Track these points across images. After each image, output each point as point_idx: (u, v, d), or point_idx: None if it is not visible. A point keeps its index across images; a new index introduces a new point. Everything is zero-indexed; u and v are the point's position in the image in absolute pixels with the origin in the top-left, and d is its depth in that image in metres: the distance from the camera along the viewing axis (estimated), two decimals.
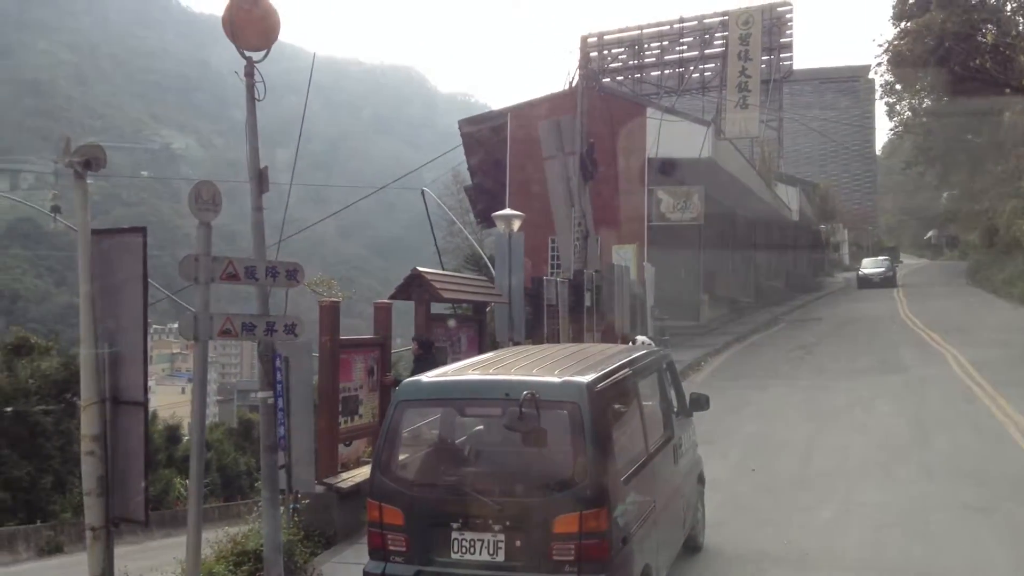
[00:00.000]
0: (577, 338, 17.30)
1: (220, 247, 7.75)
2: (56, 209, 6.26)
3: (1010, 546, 8.12)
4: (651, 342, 10.19)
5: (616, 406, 6.43)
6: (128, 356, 6.11)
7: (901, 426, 13.33)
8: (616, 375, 6.38)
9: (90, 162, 6.17)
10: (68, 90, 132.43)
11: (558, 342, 15.55)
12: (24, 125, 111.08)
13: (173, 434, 30.10)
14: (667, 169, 25.66)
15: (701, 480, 8.67)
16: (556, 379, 5.89)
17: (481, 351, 12.04)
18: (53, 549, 19.04)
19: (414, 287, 11.18)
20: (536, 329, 15.44)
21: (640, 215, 25.16)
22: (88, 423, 5.96)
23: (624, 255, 22.23)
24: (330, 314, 9.37)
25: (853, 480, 10.60)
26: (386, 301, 10.77)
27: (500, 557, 5.47)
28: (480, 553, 5.51)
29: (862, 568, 7.84)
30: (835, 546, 8.36)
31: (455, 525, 5.56)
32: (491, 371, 6.52)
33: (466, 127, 30.02)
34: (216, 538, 8.53)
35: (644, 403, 7.05)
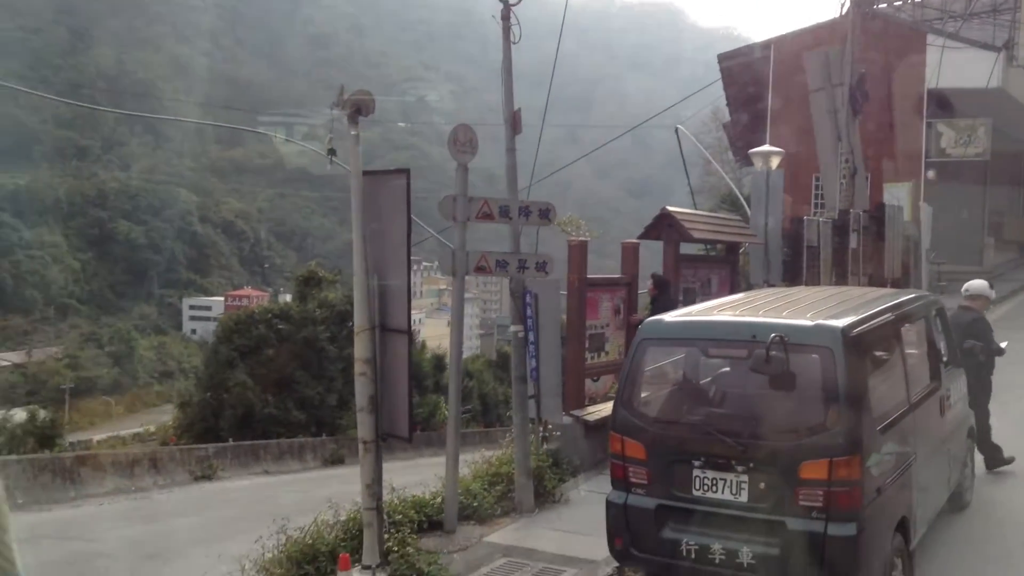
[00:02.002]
0: (840, 282, 16.39)
1: (482, 188, 8.12)
2: (332, 152, 6.84)
3: None
4: (984, 288, 8.98)
5: (874, 352, 6.10)
6: (393, 288, 6.62)
7: None
8: (875, 320, 6.03)
9: (360, 108, 6.67)
10: (348, 41, 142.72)
11: (818, 286, 14.84)
12: (311, 75, 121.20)
13: (439, 362, 32.20)
14: (947, 101, 23.34)
15: (971, 435, 8.04)
16: (808, 322, 5.68)
17: (732, 293, 11.76)
18: (336, 460, 21.16)
19: (663, 227, 11.11)
20: (794, 272, 14.80)
21: (916, 151, 23.15)
22: (360, 347, 6.55)
23: (897, 194, 20.62)
24: (578, 253, 9.56)
25: None
26: (633, 241, 10.80)
27: (743, 497, 5.43)
28: (722, 492, 5.50)
29: None
30: None
31: (697, 463, 5.57)
32: (738, 312, 6.39)
33: (725, 61, 28.97)
34: (474, 459, 9.11)
35: (907, 350, 6.62)
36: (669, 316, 6.43)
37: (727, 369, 6.38)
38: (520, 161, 8.53)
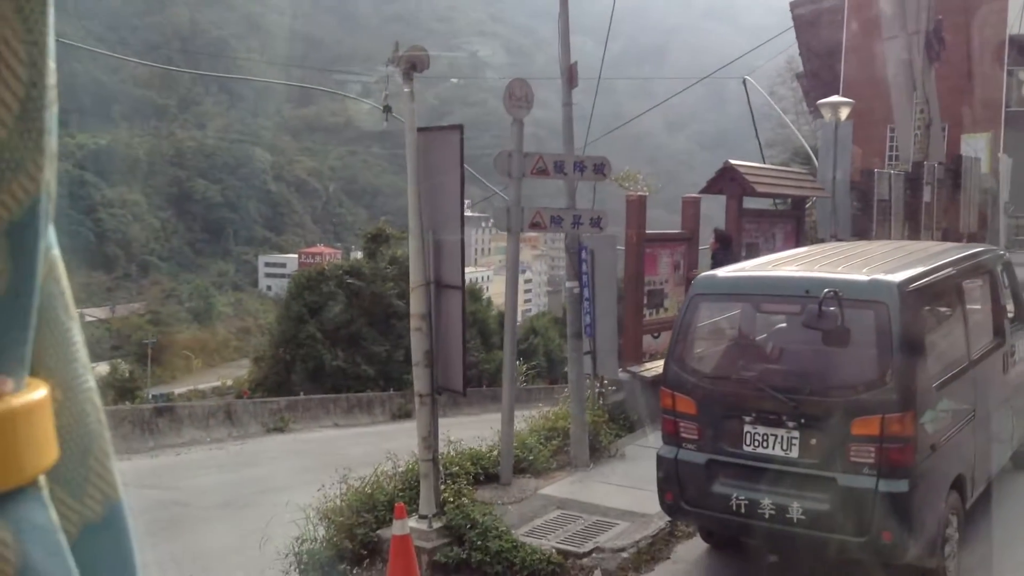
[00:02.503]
0: (912, 237, 15.94)
1: (550, 143, 8.11)
2: (387, 109, 6.88)
3: None
4: None
5: (931, 308, 5.98)
6: (448, 244, 6.70)
7: None
8: (934, 275, 5.90)
9: (415, 64, 6.71)
10: None
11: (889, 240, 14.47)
12: (381, 31, 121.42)
13: None
14: None
15: None
16: (864, 277, 5.59)
17: (798, 247, 11.57)
18: (403, 414, 21.59)
19: (725, 180, 10.96)
20: (864, 226, 14.45)
21: (996, 100, 22.15)
22: (416, 303, 6.68)
23: (975, 145, 19.86)
24: (636, 208, 9.51)
25: None
26: (694, 196, 10.68)
27: (794, 453, 5.42)
28: (773, 448, 5.49)
29: None
30: None
31: (748, 419, 5.56)
32: (794, 267, 6.31)
33: (798, 9, 28.09)
34: (534, 415, 9.24)
35: (969, 307, 6.47)
36: (722, 271, 6.39)
37: (780, 325, 6.32)
38: (590, 115, 8.49)
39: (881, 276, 5.54)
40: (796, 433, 5.41)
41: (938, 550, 5.45)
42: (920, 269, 5.84)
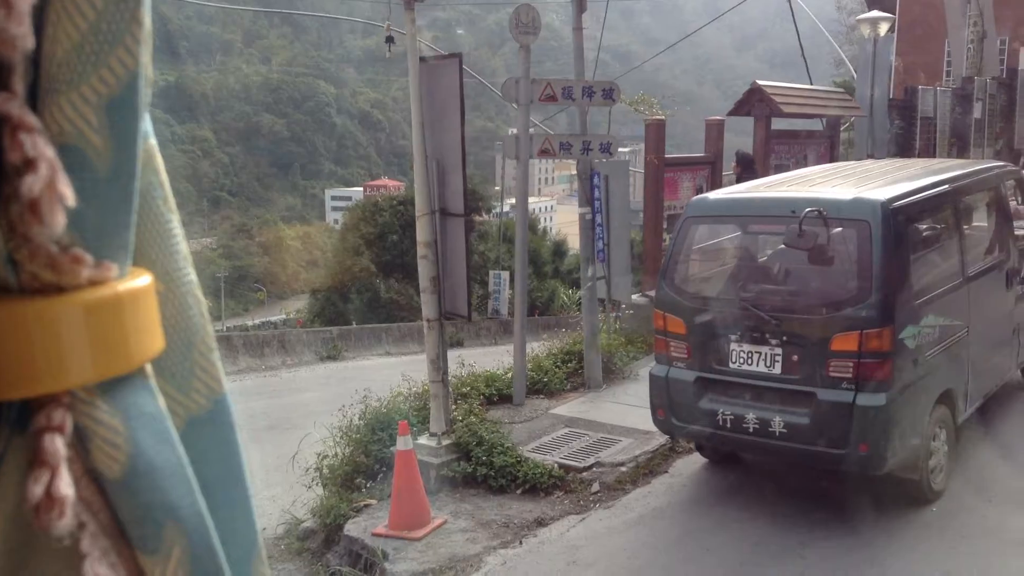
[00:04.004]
0: (961, 155, 15.51)
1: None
2: (390, 40, 6.88)
3: None
4: None
5: (921, 225, 6.00)
6: (451, 173, 6.89)
7: None
8: (925, 193, 5.90)
9: None
10: None
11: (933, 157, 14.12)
12: None
13: (558, 248, 32.53)
14: None
15: None
16: (847, 196, 5.64)
17: None
18: (456, 342, 21.93)
19: (753, 102, 10.84)
20: (906, 145, 14.12)
21: None
22: (422, 231, 6.93)
23: None
24: (655, 132, 9.52)
25: None
26: (717, 118, 10.61)
27: (776, 370, 5.57)
28: (757, 365, 5.65)
29: None
30: None
31: (734, 337, 5.72)
32: (790, 188, 6.37)
33: None
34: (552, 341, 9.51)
35: (967, 224, 6.45)
36: (714, 194, 6.47)
37: (767, 245, 6.40)
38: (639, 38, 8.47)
39: (865, 195, 5.58)
40: (779, 350, 5.55)
41: (920, 462, 5.58)
42: (911, 187, 5.84)
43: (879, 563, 5.10)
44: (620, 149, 9.54)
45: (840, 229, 5.45)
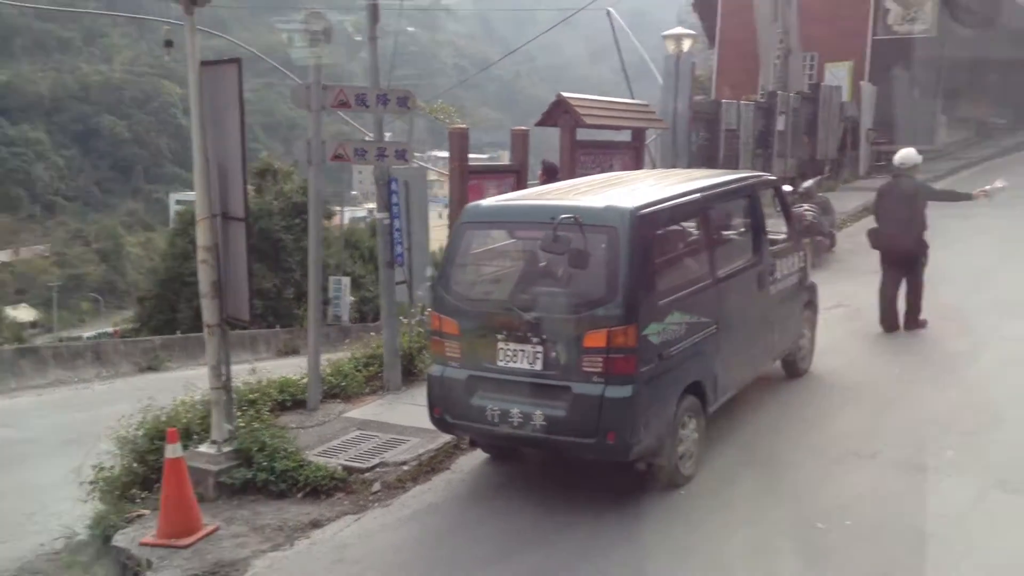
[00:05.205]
0: (765, 165, 16.61)
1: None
2: (168, 43, 6.74)
3: None
4: (918, 157, 9.53)
5: (670, 231, 6.46)
6: (232, 177, 6.87)
7: None
8: (676, 200, 6.36)
9: None
10: None
11: (736, 169, 15.06)
12: None
13: None
14: None
15: (811, 308, 8.46)
16: (600, 204, 6.02)
17: None
18: (290, 351, 21.72)
19: (559, 114, 11.27)
20: (711, 156, 14.98)
21: (862, 29, 22.86)
22: (202, 235, 6.88)
23: (838, 74, 20.57)
24: (458, 140, 9.76)
25: (1010, 313, 9.89)
26: (522, 128, 10.96)
27: (538, 366, 5.86)
28: (521, 362, 5.93)
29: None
30: (943, 380, 8.00)
31: (500, 337, 5.98)
32: (556, 196, 6.73)
33: None
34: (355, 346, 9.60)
35: (718, 229, 6.98)
36: (486, 201, 6.74)
37: (531, 250, 6.71)
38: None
39: (616, 203, 5.96)
40: (540, 348, 5.85)
41: (668, 450, 6.00)
42: (661, 195, 6.28)
43: (621, 545, 5.46)
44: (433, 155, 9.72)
45: (593, 234, 5.79)
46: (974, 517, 5.51)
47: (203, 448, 6.85)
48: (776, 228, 8.12)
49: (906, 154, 9.72)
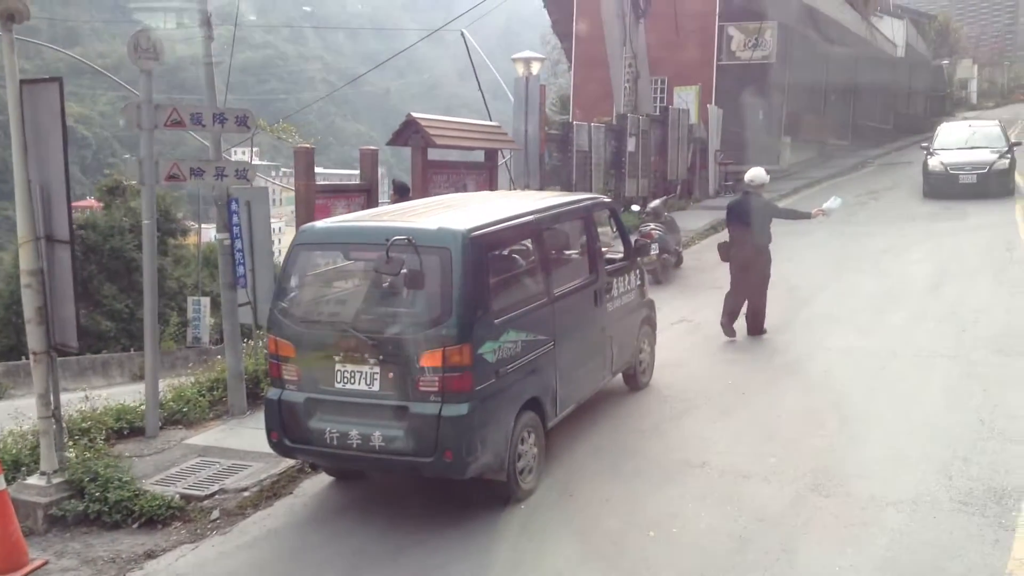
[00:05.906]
0: (617, 185, 17.16)
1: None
2: None
3: (941, 389, 8.21)
4: (765, 176, 10.19)
5: (503, 252, 6.64)
6: (56, 198, 6.61)
7: (923, 272, 12.98)
8: (510, 222, 6.53)
9: (13, 15, 6.51)
10: None
11: (589, 189, 15.51)
12: None
13: None
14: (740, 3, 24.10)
15: (649, 323, 8.81)
16: (433, 226, 6.11)
17: None
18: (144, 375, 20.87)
19: (410, 133, 11.35)
20: (565, 176, 15.37)
21: (709, 55, 24.02)
22: (25, 259, 6.59)
23: (686, 97, 21.48)
24: (304, 159, 9.70)
25: (836, 325, 10.56)
26: (371, 148, 11.00)
27: (375, 387, 5.89)
28: (359, 383, 5.95)
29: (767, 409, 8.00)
30: (773, 390, 8.49)
31: (338, 358, 5.98)
32: (392, 218, 6.80)
33: None
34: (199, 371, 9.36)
35: (553, 249, 7.20)
36: (322, 223, 6.74)
37: (366, 271, 6.75)
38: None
39: (448, 224, 6.08)
40: (377, 369, 5.88)
41: (506, 465, 6.12)
42: (495, 216, 6.44)
43: (461, 560, 5.55)
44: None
45: (427, 256, 5.87)
46: (789, 520, 5.86)
47: (32, 480, 6.56)
48: (615, 248, 8.45)
49: (755, 173, 10.31)
